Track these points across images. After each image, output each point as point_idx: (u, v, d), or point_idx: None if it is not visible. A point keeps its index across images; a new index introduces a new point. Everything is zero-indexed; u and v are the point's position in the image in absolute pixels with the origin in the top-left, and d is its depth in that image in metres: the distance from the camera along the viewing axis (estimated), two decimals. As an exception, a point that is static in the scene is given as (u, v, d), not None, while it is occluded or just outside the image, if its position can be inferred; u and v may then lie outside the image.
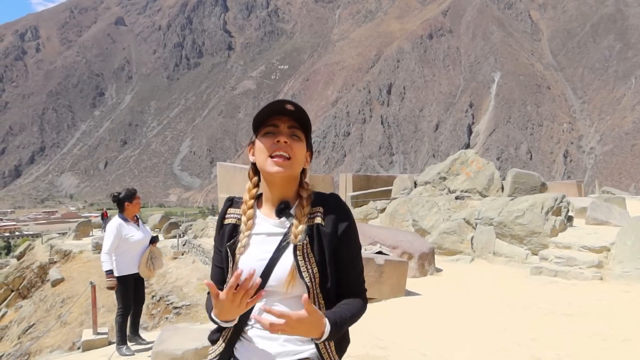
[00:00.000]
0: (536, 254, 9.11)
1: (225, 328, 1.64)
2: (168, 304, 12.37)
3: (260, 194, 1.70)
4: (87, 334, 7.22)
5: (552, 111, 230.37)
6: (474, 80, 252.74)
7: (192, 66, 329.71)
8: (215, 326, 1.67)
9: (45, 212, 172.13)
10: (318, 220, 1.60)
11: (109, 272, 5.79)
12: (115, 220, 5.99)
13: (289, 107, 1.56)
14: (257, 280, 1.44)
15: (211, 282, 1.47)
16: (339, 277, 1.61)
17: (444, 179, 13.97)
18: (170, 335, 5.33)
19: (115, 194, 6.14)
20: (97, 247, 18.64)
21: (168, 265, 14.91)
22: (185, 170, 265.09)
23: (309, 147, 1.68)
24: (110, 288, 5.86)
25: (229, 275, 1.63)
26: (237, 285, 1.42)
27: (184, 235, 20.23)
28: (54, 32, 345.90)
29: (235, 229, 1.66)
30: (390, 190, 17.85)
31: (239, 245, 1.62)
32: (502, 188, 13.22)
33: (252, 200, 1.68)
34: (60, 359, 7.30)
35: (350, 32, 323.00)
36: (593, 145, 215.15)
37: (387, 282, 7.10)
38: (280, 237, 1.60)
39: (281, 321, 1.38)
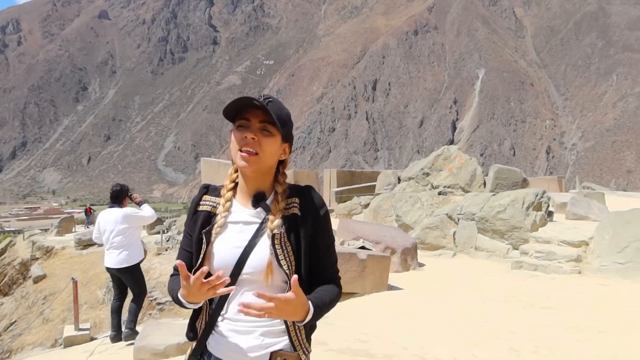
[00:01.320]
0: (517, 249, 9.23)
1: (197, 323, 1.67)
2: (152, 300, 12.31)
3: (237, 183, 1.72)
4: (69, 330, 7.18)
5: (535, 108, 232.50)
6: (459, 77, 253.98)
7: (176, 61, 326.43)
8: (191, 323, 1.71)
9: (27, 208, 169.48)
10: (295, 210, 1.63)
11: (142, 204, 6.47)
12: (129, 209, 6.32)
13: (256, 103, 1.55)
14: (226, 279, 1.46)
15: (182, 263, 1.47)
16: (315, 265, 1.63)
17: (428, 174, 14.09)
18: (152, 330, 5.34)
19: (120, 186, 6.32)
20: (80, 243, 18.47)
21: (152, 261, 14.83)
22: (169, 165, 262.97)
23: (289, 138, 1.68)
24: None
25: (201, 261, 1.62)
26: (207, 274, 1.47)
27: (167, 231, 20.11)
28: (36, 25, 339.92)
29: (209, 216, 1.66)
30: (374, 186, 17.96)
31: (216, 225, 1.63)
32: (485, 184, 13.37)
33: (233, 184, 1.70)
34: (41, 355, 7.25)
35: (336, 27, 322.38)
36: (575, 141, 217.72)
37: (369, 276, 7.16)
38: (256, 227, 1.62)
39: (271, 304, 1.39)
